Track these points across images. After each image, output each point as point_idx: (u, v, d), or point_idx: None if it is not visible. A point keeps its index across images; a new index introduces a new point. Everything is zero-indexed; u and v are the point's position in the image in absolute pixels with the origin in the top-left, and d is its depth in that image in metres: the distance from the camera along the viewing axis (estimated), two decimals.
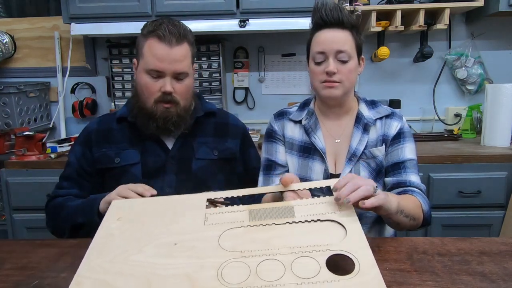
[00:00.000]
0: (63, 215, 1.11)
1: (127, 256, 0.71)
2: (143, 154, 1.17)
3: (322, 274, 0.63)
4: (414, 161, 1.12)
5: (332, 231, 0.73)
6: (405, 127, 1.15)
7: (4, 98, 2.05)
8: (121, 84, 2.20)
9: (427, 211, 1.04)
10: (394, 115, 1.16)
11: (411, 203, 1.00)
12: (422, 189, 1.09)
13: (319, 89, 1.11)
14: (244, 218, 0.79)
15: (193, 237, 0.75)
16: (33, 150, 1.93)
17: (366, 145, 1.12)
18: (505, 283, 0.69)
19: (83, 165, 1.19)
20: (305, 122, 1.17)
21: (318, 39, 1.09)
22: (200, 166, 1.19)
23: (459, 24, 2.25)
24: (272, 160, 1.19)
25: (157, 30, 1.09)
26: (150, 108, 1.13)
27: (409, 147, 1.13)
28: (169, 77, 1.10)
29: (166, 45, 1.08)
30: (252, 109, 2.39)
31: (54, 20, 2.33)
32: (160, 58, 1.08)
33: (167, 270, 0.67)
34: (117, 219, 0.83)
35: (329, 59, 1.06)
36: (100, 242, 0.76)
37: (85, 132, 1.23)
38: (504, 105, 1.85)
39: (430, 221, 1.06)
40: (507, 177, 1.73)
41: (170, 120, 1.14)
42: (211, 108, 1.28)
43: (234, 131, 1.28)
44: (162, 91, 1.10)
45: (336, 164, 1.14)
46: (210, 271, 0.66)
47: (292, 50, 2.32)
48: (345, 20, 1.06)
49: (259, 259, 0.67)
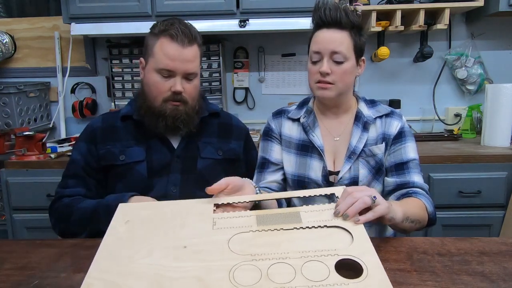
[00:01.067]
0: (76, 218, 1.08)
1: (136, 258, 0.72)
2: (148, 152, 1.17)
3: (332, 277, 0.65)
4: (416, 161, 1.12)
5: (339, 236, 0.75)
6: (406, 126, 1.15)
7: (4, 98, 2.05)
8: (121, 84, 2.20)
9: (432, 212, 1.03)
10: (394, 114, 1.16)
11: (416, 207, 0.99)
12: (425, 189, 1.08)
13: (313, 89, 1.12)
14: (252, 223, 0.80)
15: (202, 241, 0.75)
16: (33, 150, 1.93)
17: (365, 143, 1.12)
18: (505, 283, 0.69)
19: (89, 162, 1.17)
20: (303, 120, 1.18)
21: (316, 38, 1.09)
22: (205, 165, 1.19)
23: (459, 24, 2.25)
24: (266, 158, 1.20)
25: (170, 30, 1.09)
26: (159, 106, 1.13)
27: (411, 146, 1.13)
28: (180, 77, 1.11)
29: (178, 45, 1.09)
30: (252, 109, 2.39)
31: (54, 20, 2.33)
32: (172, 58, 1.09)
33: (177, 273, 0.67)
34: (125, 222, 0.83)
35: (323, 59, 1.07)
36: (108, 244, 0.77)
37: (89, 129, 1.22)
38: (504, 105, 1.85)
39: (435, 220, 1.05)
40: (507, 177, 1.73)
41: (179, 119, 1.13)
42: (215, 109, 1.28)
43: (238, 132, 1.29)
44: (173, 90, 1.11)
45: (335, 162, 1.14)
46: (221, 273, 0.66)
47: (292, 50, 2.32)
48: (343, 20, 1.05)
49: (269, 262, 0.68)
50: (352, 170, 1.11)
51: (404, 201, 1.01)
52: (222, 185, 0.89)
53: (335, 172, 1.13)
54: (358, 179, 1.11)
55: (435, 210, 1.06)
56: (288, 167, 1.18)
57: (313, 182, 1.13)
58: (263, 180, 1.19)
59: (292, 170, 1.17)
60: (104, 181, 1.18)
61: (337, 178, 1.12)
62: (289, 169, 1.17)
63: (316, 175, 1.13)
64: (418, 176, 1.11)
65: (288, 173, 1.18)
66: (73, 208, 1.10)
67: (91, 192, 1.16)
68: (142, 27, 1.94)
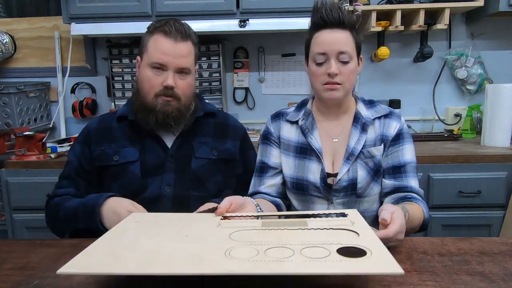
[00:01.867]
0: (61, 216, 1.11)
1: (138, 240, 0.74)
2: (142, 152, 1.17)
3: (332, 256, 0.63)
4: (413, 164, 1.13)
5: (345, 235, 0.73)
6: (404, 127, 1.15)
7: (4, 98, 2.05)
8: (121, 84, 2.20)
9: (427, 218, 1.05)
10: (392, 115, 1.15)
11: (416, 214, 1.00)
12: (421, 195, 1.10)
13: (320, 91, 1.10)
14: (257, 225, 0.81)
15: (205, 234, 0.77)
16: (33, 150, 1.93)
17: (364, 145, 1.12)
18: (505, 283, 0.69)
19: (82, 164, 1.19)
20: (301, 123, 1.17)
21: (319, 39, 1.07)
22: (200, 165, 1.19)
23: (459, 24, 2.25)
24: (265, 163, 1.20)
25: (163, 27, 1.11)
26: (151, 101, 1.13)
27: (409, 148, 1.13)
28: (172, 72, 1.11)
29: (171, 40, 1.10)
30: (252, 109, 2.39)
31: (54, 20, 2.33)
32: (164, 52, 1.10)
33: (174, 250, 0.68)
34: (134, 221, 0.87)
35: (330, 60, 1.05)
36: (113, 232, 0.80)
37: (85, 131, 1.24)
38: (504, 105, 1.85)
39: (427, 226, 1.07)
40: (507, 177, 1.73)
41: (170, 115, 1.13)
42: (211, 109, 1.28)
43: (234, 132, 1.28)
44: (164, 85, 1.11)
45: (334, 164, 1.14)
46: (218, 250, 0.67)
47: (292, 50, 2.32)
48: (345, 20, 1.05)
49: (268, 246, 0.68)
50: (350, 172, 1.11)
51: (407, 210, 0.97)
52: (226, 205, 0.91)
53: (334, 174, 1.12)
54: (356, 180, 1.10)
55: (430, 214, 1.08)
56: (287, 170, 1.17)
57: (311, 184, 1.12)
58: (262, 184, 1.19)
59: (290, 173, 1.16)
60: (96, 182, 1.20)
61: (336, 180, 1.11)
62: (288, 172, 1.17)
63: (314, 177, 1.12)
64: (415, 180, 1.12)
65: (287, 176, 1.17)
66: (61, 207, 1.12)
67: (80, 192, 1.18)
68: (142, 27, 1.89)
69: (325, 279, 0.70)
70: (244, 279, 0.65)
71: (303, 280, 0.69)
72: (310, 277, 0.70)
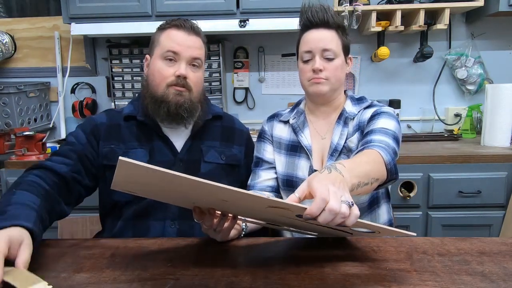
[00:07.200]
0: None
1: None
2: (151, 154, 1.15)
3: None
4: (386, 130, 1.01)
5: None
6: (383, 109, 1.09)
7: (4, 98, 2.05)
8: (121, 84, 2.20)
9: (389, 162, 0.91)
10: (373, 105, 1.15)
11: (368, 163, 0.87)
12: (384, 144, 0.95)
13: (306, 86, 1.15)
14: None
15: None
16: (33, 150, 1.93)
17: (346, 139, 1.13)
18: (505, 283, 0.69)
19: (86, 152, 1.11)
20: (292, 121, 1.22)
21: (305, 39, 1.14)
22: (209, 169, 1.18)
23: (459, 24, 2.25)
24: (260, 157, 1.25)
25: (175, 22, 1.14)
26: (162, 92, 1.11)
27: (383, 121, 1.04)
28: (184, 62, 1.12)
29: (184, 32, 1.13)
30: (252, 109, 2.39)
31: (54, 20, 2.33)
32: (178, 42, 1.11)
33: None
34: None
35: (315, 57, 1.11)
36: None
37: (92, 123, 1.17)
38: (504, 105, 1.85)
39: (396, 173, 0.93)
40: (507, 177, 1.73)
41: (182, 106, 1.11)
42: (218, 112, 1.27)
43: (239, 137, 1.28)
44: (177, 74, 1.10)
45: (323, 161, 1.17)
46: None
47: (292, 50, 2.32)
48: (330, 20, 1.11)
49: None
50: None
51: (352, 160, 0.87)
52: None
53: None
54: None
55: (395, 161, 0.93)
56: (279, 167, 1.22)
57: (300, 181, 1.15)
58: (258, 178, 1.22)
59: (282, 170, 1.21)
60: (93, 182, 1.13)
61: None
62: (279, 169, 1.21)
63: (303, 174, 1.16)
64: (383, 136, 0.98)
65: (279, 174, 1.21)
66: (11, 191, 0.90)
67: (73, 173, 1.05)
68: (142, 27, 1.94)
69: (330, 276, 0.70)
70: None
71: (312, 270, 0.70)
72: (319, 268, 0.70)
